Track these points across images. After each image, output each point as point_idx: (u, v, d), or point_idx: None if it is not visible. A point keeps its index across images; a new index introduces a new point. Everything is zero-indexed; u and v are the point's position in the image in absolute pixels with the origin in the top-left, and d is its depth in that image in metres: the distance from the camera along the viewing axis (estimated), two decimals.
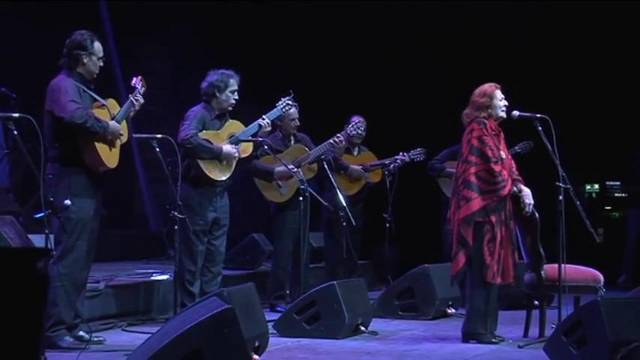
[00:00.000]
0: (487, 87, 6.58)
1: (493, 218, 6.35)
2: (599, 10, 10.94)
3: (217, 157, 7.01)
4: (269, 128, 7.37)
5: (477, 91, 6.60)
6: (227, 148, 7.04)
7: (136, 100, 6.25)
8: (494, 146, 6.45)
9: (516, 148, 8.99)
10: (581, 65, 11.10)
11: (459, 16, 11.41)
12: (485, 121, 6.49)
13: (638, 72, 10.93)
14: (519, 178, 6.57)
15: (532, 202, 6.48)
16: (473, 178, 6.39)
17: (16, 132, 5.41)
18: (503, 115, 6.57)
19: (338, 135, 8.27)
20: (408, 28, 11.51)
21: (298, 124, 8.20)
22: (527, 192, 6.50)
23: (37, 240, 6.91)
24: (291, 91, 7.55)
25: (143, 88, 6.32)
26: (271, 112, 7.40)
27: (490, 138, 6.44)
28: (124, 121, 6.22)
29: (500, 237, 6.38)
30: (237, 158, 7.10)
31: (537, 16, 11.23)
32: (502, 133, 6.58)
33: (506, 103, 6.58)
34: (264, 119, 7.30)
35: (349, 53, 11.52)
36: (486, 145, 6.41)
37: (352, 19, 11.61)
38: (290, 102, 7.53)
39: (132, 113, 6.30)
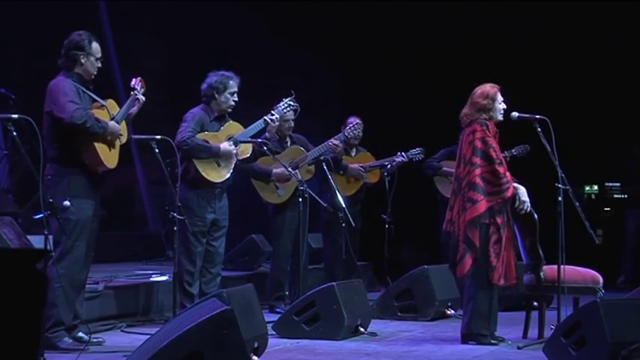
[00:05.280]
0: (489, 88, 6.56)
1: (499, 220, 6.35)
2: (598, 11, 10.95)
3: (216, 155, 7.01)
4: (277, 123, 7.38)
5: (478, 91, 6.57)
6: (225, 146, 7.03)
7: (136, 100, 6.25)
8: (497, 148, 6.45)
9: (513, 151, 9.00)
10: (581, 66, 11.11)
11: (457, 16, 11.41)
12: (487, 122, 6.48)
13: (638, 72, 10.93)
14: (513, 177, 6.57)
15: (527, 199, 6.47)
16: (478, 180, 6.38)
17: (15, 133, 5.40)
18: (501, 118, 6.57)
19: (334, 138, 8.27)
20: (406, 28, 11.52)
21: (292, 125, 8.19)
22: (522, 190, 6.49)
23: (36, 241, 6.90)
24: (292, 91, 7.55)
25: (143, 89, 6.32)
26: (273, 111, 7.40)
27: (492, 139, 6.44)
28: (124, 122, 6.22)
29: (505, 238, 6.38)
30: (235, 158, 7.10)
31: (536, 16, 11.24)
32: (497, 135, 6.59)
33: (505, 106, 6.58)
34: (272, 115, 7.31)
35: (348, 53, 11.52)
36: (490, 147, 6.40)
37: (351, 19, 11.62)
38: (291, 102, 7.52)
39: (132, 114, 6.30)
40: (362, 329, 6.89)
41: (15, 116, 5.41)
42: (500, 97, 6.56)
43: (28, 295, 3.00)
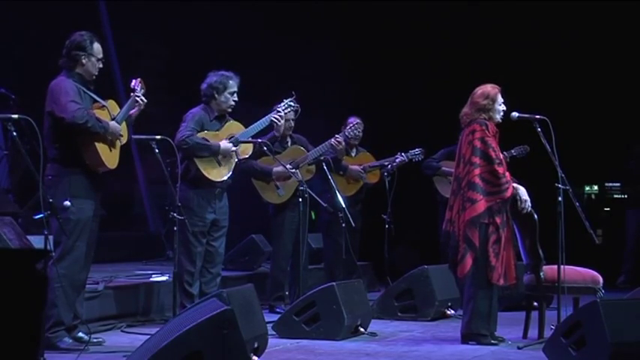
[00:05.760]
0: (490, 89, 6.55)
1: (498, 220, 6.35)
2: (598, 11, 10.95)
3: (215, 153, 7.01)
4: (282, 122, 7.39)
5: (479, 91, 6.57)
6: (224, 144, 7.03)
7: (138, 99, 6.25)
8: (496, 148, 6.45)
9: (512, 151, 9.00)
10: (581, 66, 11.12)
11: (457, 16, 11.42)
12: (487, 122, 6.48)
13: (638, 72, 10.93)
14: (512, 178, 6.57)
15: (528, 199, 6.47)
16: (477, 180, 6.38)
17: (15, 133, 5.40)
18: (500, 119, 6.57)
19: (337, 136, 8.28)
20: (406, 28, 11.52)
21: (293, 125, 8.20)
22: (522, 190, 6.50)
23: (37, 241, 6.90)
24: (292, 92, 7.56)
25: (142, 90, 6.32)
26: (273, 112, 7.41)
27: (492, 139, 6.44)
28: (124, 122, 6.22)
29: (504, 238, 6.38)
30: (235, 156, 7.10)
31: (536, 16, 11.24)
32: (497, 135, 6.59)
33: (505, 108, 6.57)
34: (278, 112, 7.31)
35: (347, 53, 11.52)
36: (489, 147, 6.41)
37: (351, 19, 11.62)
38: (292, 103, 7.53)
39: (133, 115, 6.30)
40: (362, 329, 6.89)
41: (15, 116, 5.41)
42: (500, 99, 6.56)
43: (27, 295, 3.00)
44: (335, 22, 11.59)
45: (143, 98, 6.28)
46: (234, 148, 7.07)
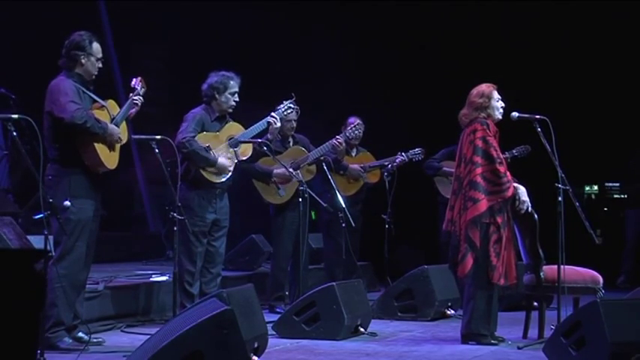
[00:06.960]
0: (485, 87, 6.57)
1: (499, 219, 6.35)
2: (598, 11, 10.95)
3: (211, 166, 7.00)
4: (278, 124, 7.40)
5: (475, 91, 6.59)
6: (222, 161, 7.01)
7: (136, 101, 6.25)
8: (497, 147, 6.45)
9: (514, 151, 8.99)
10: (581, 66, 11.12)
11: (457, 16, 11.42)
12: (488, 121, 6.49)
13: (638, 73, 10.93)
14: (512, 177, 6.57)
15: (527, 199, 6.47)
16: (479, 179, 6.38)
17: (15, 133, 5.40)
18: (500, 116, 6.57)
19: (338, 137, 8.28)
20: (406, 28, 11.52)
21: (294, 125, 8.20)
22: (522, 190, 6.50)
23: (37, 241, 6.90)
24: (292, 94, 7.56)
25: (143, 89, 6.32)
26: (273, 113, 7.41)
27: (493, 139, 6.45)
28: (124, 122, 6.22)
29: (505, 238, 6.38)
30: (237, 159, 7.10)
31: (536, 16, 11.24)
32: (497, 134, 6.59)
33: (503, 104, 6.58)
34: (273, 116, 7.32)
35: (347, 53, 11.52)
36: (491, 146, 6.41)
37: (351, 19, 11.62)
38: (292, 105, 7.53)
39: (132, 114, 6.30)
40: (362, 329, 6.89)
41: (15, 116, 5.40)
42: (496, 95, 6.57)
43: (26, 296, 3.00)
44: (335, 22, 11.59)
45: (141, 98, 6.28)
46: (231, 167, 7.06)
